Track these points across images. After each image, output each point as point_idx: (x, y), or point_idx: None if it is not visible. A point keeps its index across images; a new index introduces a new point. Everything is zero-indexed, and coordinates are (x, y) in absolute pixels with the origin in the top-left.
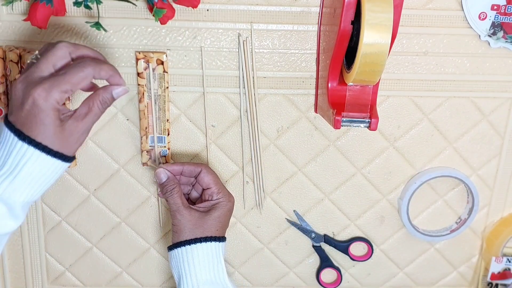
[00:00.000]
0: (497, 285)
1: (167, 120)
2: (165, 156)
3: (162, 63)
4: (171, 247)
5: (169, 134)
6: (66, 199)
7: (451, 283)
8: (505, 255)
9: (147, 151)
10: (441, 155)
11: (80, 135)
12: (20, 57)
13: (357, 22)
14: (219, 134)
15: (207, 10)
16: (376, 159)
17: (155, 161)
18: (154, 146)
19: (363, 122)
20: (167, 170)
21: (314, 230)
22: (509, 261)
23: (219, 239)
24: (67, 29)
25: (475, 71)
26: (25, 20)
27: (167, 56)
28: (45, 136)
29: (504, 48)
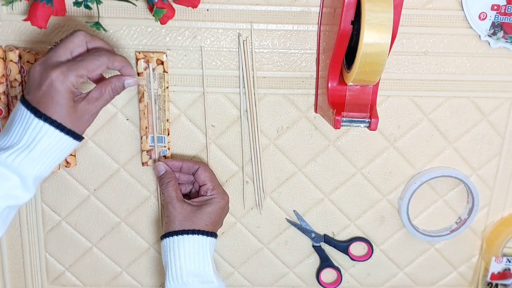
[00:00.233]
0: (497, 285)
1: (167, 120)
2: (165, 156)
3: (162, 63)
4: (162, 237)
5: (169, 134)
6: (66, 199)
7: (451, 283)
8: (505, 255)
9: (147, 151)
10: (441, 155)
11: (90, 116)
12: (20, 57)
13: (357, 22)
14: (219, 134)
15: (207, 10)
16: (376, 159)
17: (155, 161)
18: (154, 146)
19: (363, 122)
20: (166, 164)
21: (314, 230)
22: (509, 261)
23: (207, 234)
24: (67, 29)
25: (475, 71)
26: (25, 20)
27: (167, 56)
28: (60, 115)
29: (504, 48)
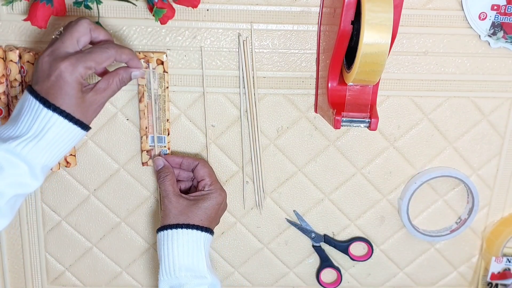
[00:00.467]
0: (497, 285)
1: (167, 120)
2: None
3: (162, 63)
4: (157, 231)
5: (169, 134)
6: (66, 199)
7: (451, 283)
8: (505, 255)
9: (147, 151)
10: (441, 155)
11: (97, 107)
12: (20, 57)
13: (357, 22)
14: (219, 134)
15: (207, 10)
16: (376, 159)
17: (154, 156)
18: (154, 146)
19: (363, 122)
20: (166, 160)
21: (314, 230)
22: (509, 261)
23: (202, 229)
24: None
25: (475, 71)
26: (25, 20)
27: (167, 56)
28: (68, 105)
29: (504, 48)
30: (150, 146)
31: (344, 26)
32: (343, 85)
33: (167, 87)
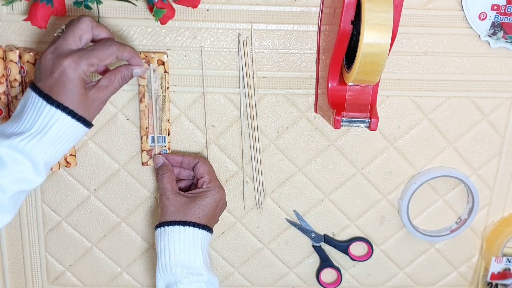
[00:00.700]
0: (497, 285)
1: (168, 120)
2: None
3: (163, 63)
4: (155, 228)
5: (169, 134)
6: (66, 199)
7: (451, 283)
8: (505, 255)
9: (147, 151)
10: (441, 155)
11: (99, 104)
12: (20, 57)
13: (357, 22)
14: (219, 134)
15: (207, 10)
16: (376, 159)
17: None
18: (154, 146)
19: (363, 122)
20: (165, 157)
21: (314, 230)
22: (509, 261)
23: (198, 226)
24: None
25: (475, 71)
26: (25, 20)
27: (168, 56)
28: (72, 102)
29: (504, 48)
30: (150, 146)
31: (344, 26)
32: (343, 85)
33: (168, 88)
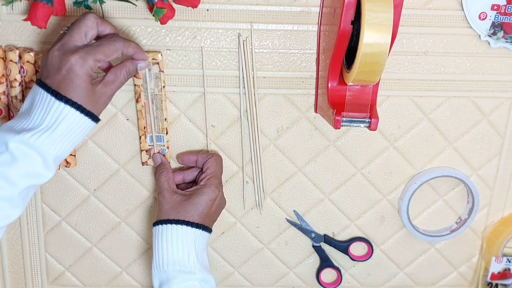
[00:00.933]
0: (497, 285)
1: (165, 119)
2: (164, 155)
3: (157, 62)
4: (152, 226)
5: (167, 133)
6: (66, 199)
7: (451, 283)
8: (505, 255)
9: (147, 151)
10: (441, 155)
11: (106, 98)
12: (20, 57)
13: (357, 22)
14: (219, 134)
15: (207, 10)
16: (376, 159)
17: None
18: (153, 145)
19: (363, 122)
20: (163, 156)
21: (314, 230)
22: (509, 261)
23: (192, 225)
24: None
25: (475, 71)
26: (25, 20)
27: (162, 55)
28: (80, 97)
29: (504, 48)
30: (149, 145)
31: (344, 26)
32: (343, 85)
33: (164, 87)
